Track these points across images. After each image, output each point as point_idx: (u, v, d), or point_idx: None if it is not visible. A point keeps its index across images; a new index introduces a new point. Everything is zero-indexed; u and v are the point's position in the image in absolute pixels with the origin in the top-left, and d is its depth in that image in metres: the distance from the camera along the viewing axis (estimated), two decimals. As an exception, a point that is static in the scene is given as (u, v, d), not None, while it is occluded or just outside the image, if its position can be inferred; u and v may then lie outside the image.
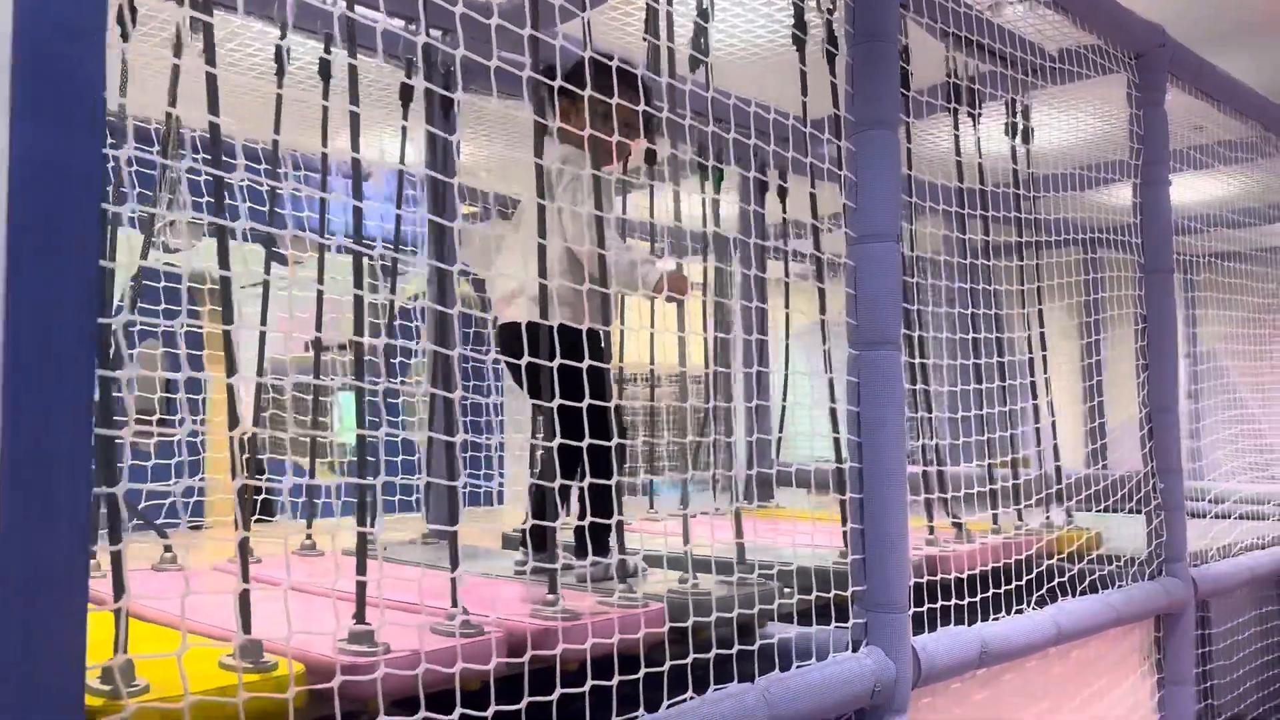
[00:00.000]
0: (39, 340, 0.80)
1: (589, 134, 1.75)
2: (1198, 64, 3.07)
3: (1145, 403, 2.84)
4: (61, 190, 0.82)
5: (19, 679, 0.76)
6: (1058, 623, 2.24)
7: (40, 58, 0.82)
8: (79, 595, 0.83)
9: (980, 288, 2.80)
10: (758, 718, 1.52)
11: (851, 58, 1.88)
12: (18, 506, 0.78)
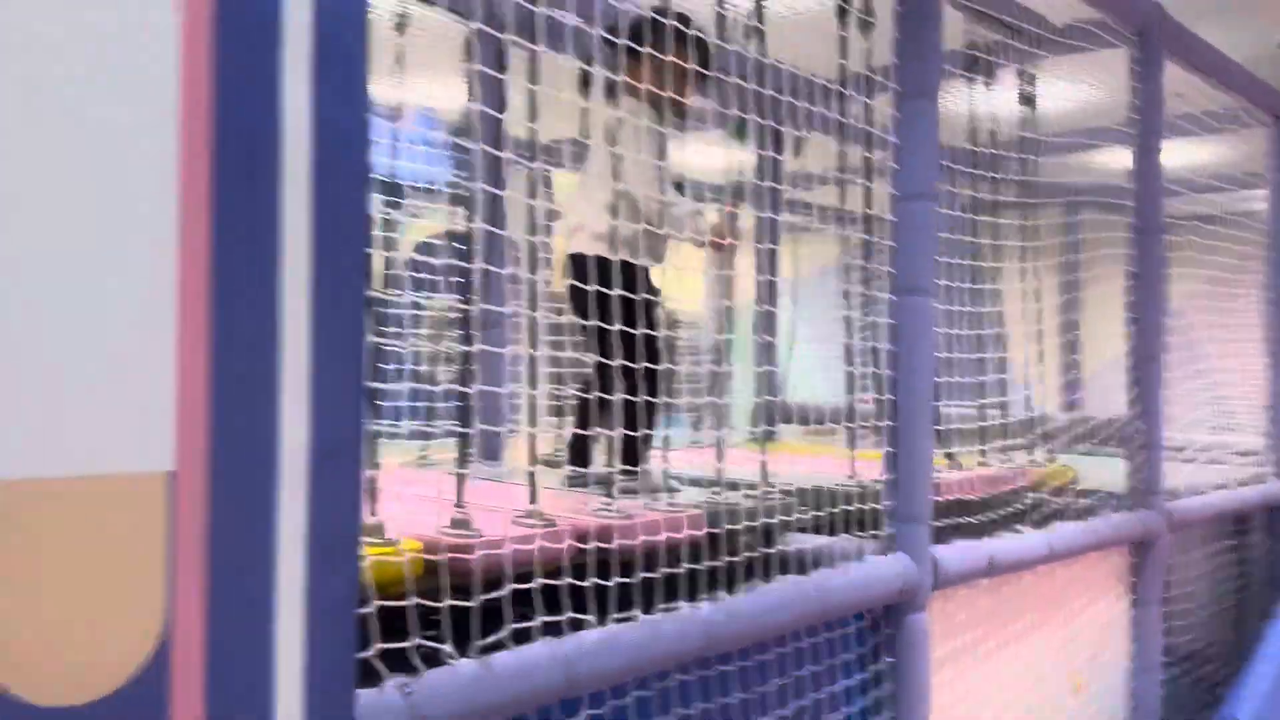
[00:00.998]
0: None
1: (646, 89, 1.95)
2: (1191, 40, 3.32)
3: (1131, 352, 3.12)
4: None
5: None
6: (1050, 543, 2.54)
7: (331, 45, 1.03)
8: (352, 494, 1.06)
9: (982, 241, 3.05)
10: (813, 603, 1.79)
11: (899, 32, 2.10)
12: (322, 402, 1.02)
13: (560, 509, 1.91)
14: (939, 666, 2.26)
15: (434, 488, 1.68)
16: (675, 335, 3.66)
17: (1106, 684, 3.04)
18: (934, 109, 2.10)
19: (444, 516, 1.65)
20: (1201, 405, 5.40)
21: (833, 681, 1.99)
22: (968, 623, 2.37)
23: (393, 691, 1.21)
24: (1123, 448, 3.13)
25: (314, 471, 1.05)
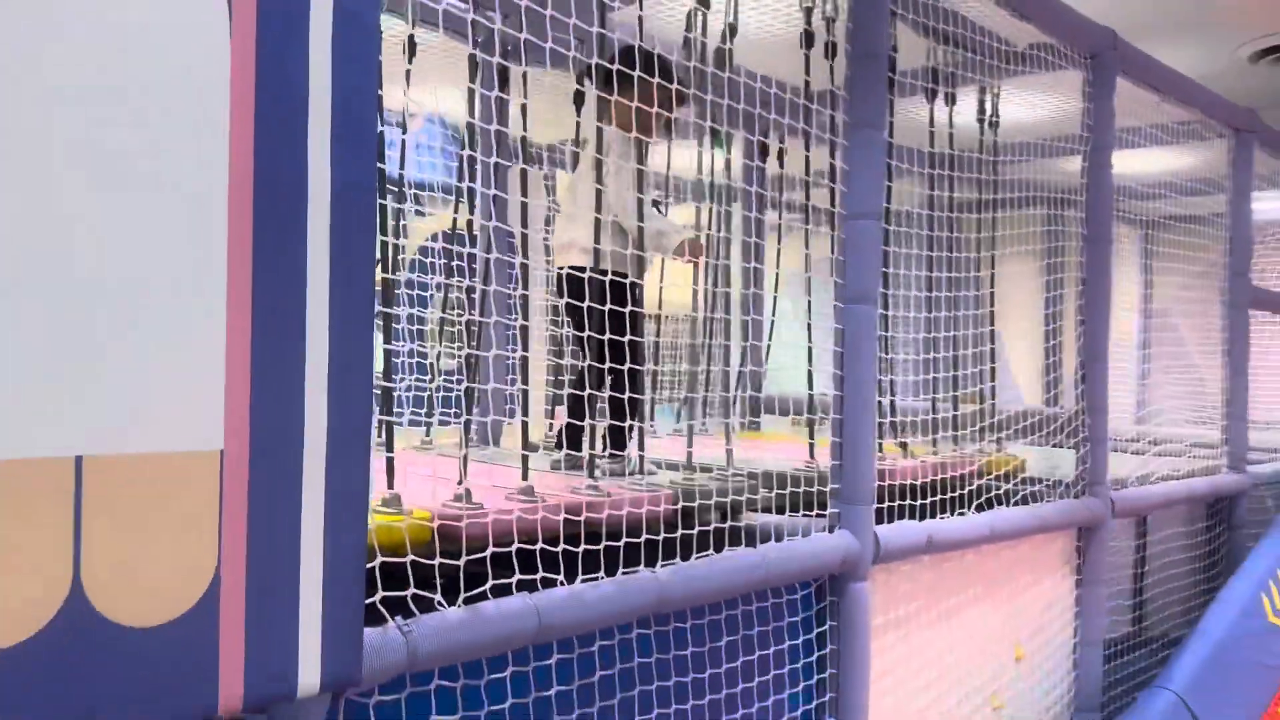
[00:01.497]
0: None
1: (635, 107, 2.22)
2: (1145, 61, 3.56)
3: (1080, 352, 3.38)
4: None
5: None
6: (992, 524, 2.81)
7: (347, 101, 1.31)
8: (361, 479, 1.35)
9: (942, 248, 3.31)
10: (759, 571, 2.07)
11: (849, 70, 2.37)
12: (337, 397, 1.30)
13: (549, 488, 2.20)
14: (883, 631, 2.55)
15: (439, 468, 1.97)
16: (662, 333, 3.93)
17: (1052, 655, 3.31)
18: (880, 137, 2.36)
19: (448, 492, 1.94)
20: (1170, 400, 5.67)
21: (782, 641, 2.27)
22: (910, 594, 2.65)
23: (394, 630, 1.49)
24: (1071, 440, 3.39)
25: (331, 451, 1.33)
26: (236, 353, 1.25)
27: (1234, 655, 3.47)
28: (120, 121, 1.15)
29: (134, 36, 1.16)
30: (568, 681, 1.81)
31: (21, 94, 1.08)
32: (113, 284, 1.15)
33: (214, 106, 1.23)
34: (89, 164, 1.13)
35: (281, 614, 1.30)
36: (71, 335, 1.12)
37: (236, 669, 1.25)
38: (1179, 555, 4.22)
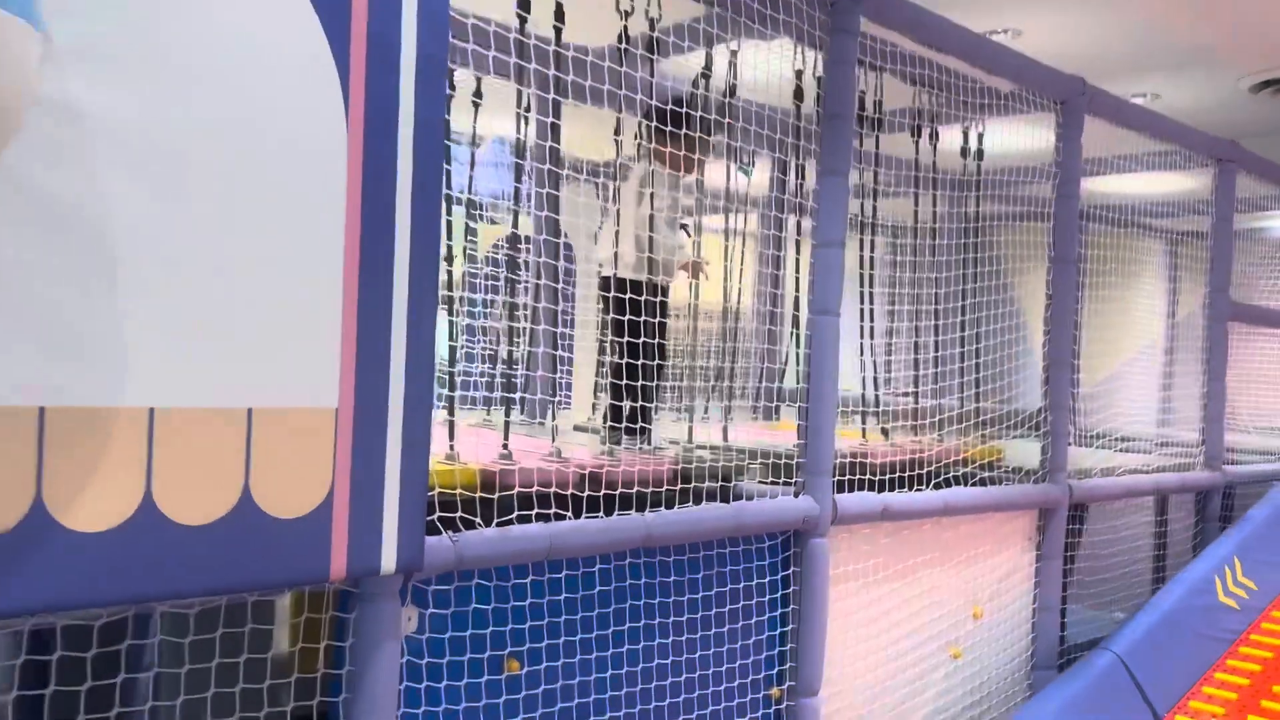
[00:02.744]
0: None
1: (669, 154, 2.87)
2: (1116, 103, 4.06)
3: (1046, 356, 3.91)
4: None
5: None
6: (946, 500, 3.38)
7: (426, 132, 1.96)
8: (424, 430, 2.00)
9: (936, 259, 3.87)
10: (730, 522, 2.68)
11: (821, 126, 2.96)
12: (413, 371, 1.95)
13: (574, 453, 2.84)
14: (843, 580, 3.14)
15: (494, 438, 2.62)
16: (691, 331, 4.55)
17: (1012, 617, 3.86)
18: (845, 183, 2.94)
19: (494, 452, 2.60)
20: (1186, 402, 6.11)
21: (754, 579, 2.88)
22: (869, 553, 3.23)
23: (446, 540, 2.14)
24: (1036, 434, 3.92)
25: (406, 411, 1.98)
26: (347, 341, 1.91)
27: (1179, 626, 3.95)
28: (273, 167, 1.82)
29: (273, 97, 1.83)
30: (573, 591, 2.45)
31: (215, 156, 1.75)
32: (274, 295, 1.81)
33: (336, 148, 1.88)
34: (256, 198, 1.80)
35: (371, 518, 1.95)
36: (245, 326, 1.79)
37: (342, 551, 1.91)
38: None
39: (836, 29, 2.92)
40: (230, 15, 1.76)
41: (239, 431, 1.79)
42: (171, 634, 1.91)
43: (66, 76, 1.60)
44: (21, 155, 1.55)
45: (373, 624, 2.03)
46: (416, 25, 1.98)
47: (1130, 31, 4.91)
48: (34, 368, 1.58)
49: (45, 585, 1.60)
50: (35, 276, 1.57)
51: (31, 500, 1.58)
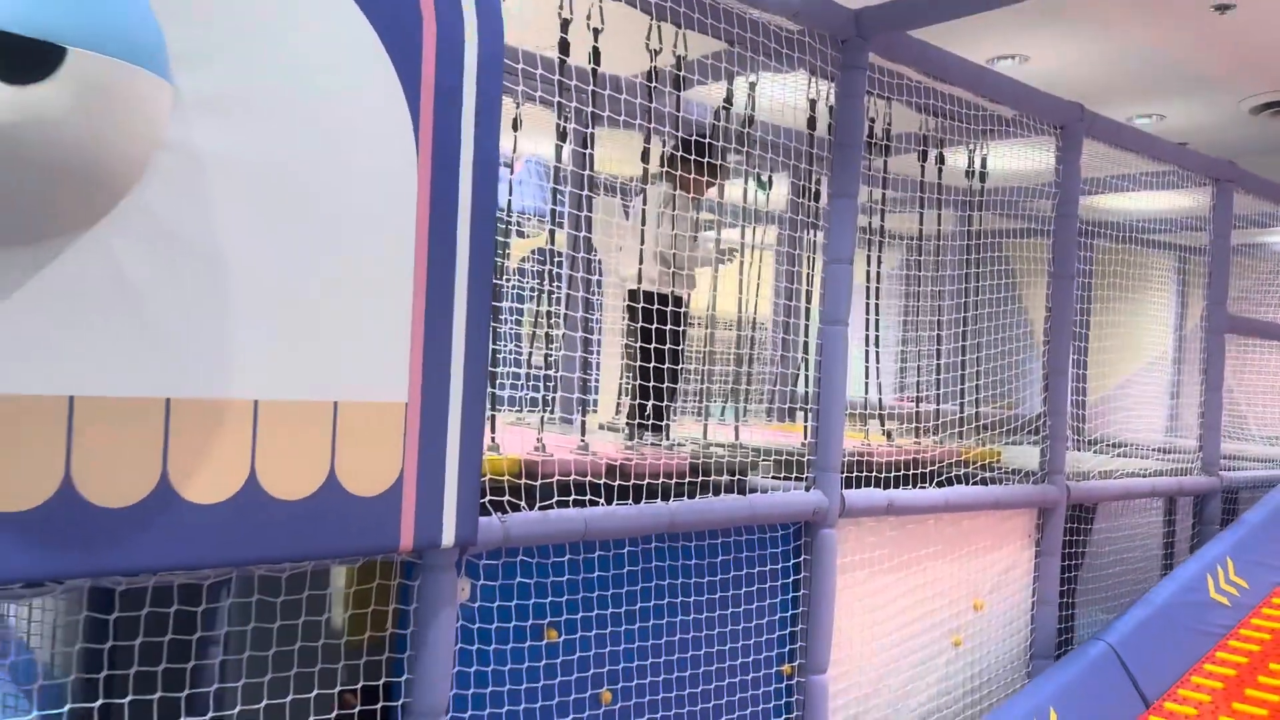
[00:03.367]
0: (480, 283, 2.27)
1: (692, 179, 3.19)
2: (1114, 127, 4.32)
3: (1045, 365, 4.17)
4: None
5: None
6: (947, 497, 3.65)
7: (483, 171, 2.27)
8: (478, 424, 2.30)
9: (942, 272, 4.16)
10: (745, 512, 2.97)
11: (832, 153, 3.25)
12: (469, 378, 2.26)
13: (602, 448, 3.14)
14: (851, 569, 3.42)
15: (530, 435, 2.93)
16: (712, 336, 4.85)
17: (1011, 610, 4.12)
18: (854, 205, 3.23)
19: (531, 445, 2.90)
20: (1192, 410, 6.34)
21: (765, 565, 3.17)
22: (876, 545, 3.51)
23: (495, 520, 2.45)
24: (1036, 437, 4.19)
25: (464, 406, 2.29)
26: (416, 345, 2.22)
27: (1171, 620, 4.20)
28: (357, 196, 2.13)
29: (357, 138, 2.14)
30: (605, 570, 2.75)
31: (309, 188, 2.06)
32: (357, 305, 2.13)
33: (409, 180, 2.19)
34: (343, 223, 2.11)
35: (434, 498, 2.26)
36: (332, 332, 2.10)
37: (410, 526, 2.22)
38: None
39: (847, 65, 3.21)
40: (322, 68, 2.07)
41: (327, 421, 2.11)
42: (266, 594, 2.22)
43: (188, 123, 1.92)
44: (149, 190, 1.87)
45: (434, 591, 2.33)
46: (476, 75, 2.29)
47: (1135, 56, 5.16)
48: (159, 366, 1.90)
49: (170, 549, 1.91)
50: (160, 291, 1.89)
51: (159, 476, 1.90)
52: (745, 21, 3.00)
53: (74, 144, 1.65)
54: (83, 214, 1.77)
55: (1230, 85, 5.51)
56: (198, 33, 1.90)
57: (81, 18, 1.63)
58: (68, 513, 1.80)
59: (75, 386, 1.81)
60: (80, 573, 1.86)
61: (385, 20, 2.15)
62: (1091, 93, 5.61)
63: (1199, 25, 4.63)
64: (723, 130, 3.38)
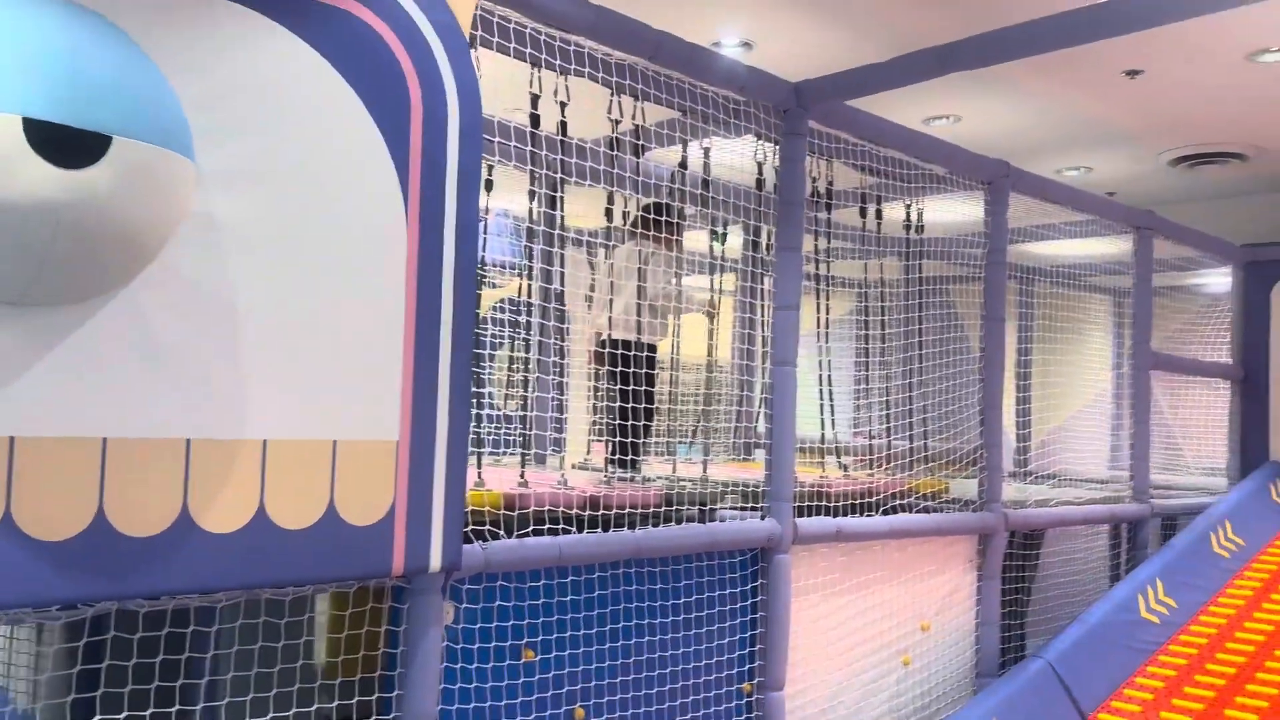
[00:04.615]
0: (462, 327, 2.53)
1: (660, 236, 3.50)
2: (1038, 181, 4.71)
3: (980, 403, 4.50)
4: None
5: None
6: (891, 524, 3.94)
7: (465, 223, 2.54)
8: (462, 460, 2.56)
9: (882, 317, 4.48)
10: (705, 538, 3.23)
11: (777, 210, 3.57)
12: (455, 421, 2.52)
13: (578, 483, 3.39)
14: (805, 592, 3.68)
15: (506, 474, 3.19)
16: (679, 380, 5.15)
17: (956, 630, 4.40)
18: (798, 257, 3.55)
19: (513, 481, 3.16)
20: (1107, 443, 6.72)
21: (725, 589, 3.43)
22: (827, 569, 3.78)
23: (478, 547, 2.69)
24: (973, 468, 4.50)
25: (450, 442, 2.54)
26: (406, 389, 2.48)
27: (1105, 638, 4.50)
28: (353, 254, 2.40)
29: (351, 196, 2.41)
30: (579, 593, 2.99)
31: (311, 247, 2.33)
32: (355, 353, 2.38)
33: (399, 240, 2.46)
34: (340, 279, 2.37)
35: (423, 526, 2.50)
36: (332, 378, 2.36)
37: (401, 552, 2.46)
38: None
39: (789, 131, 3.55)
40: (322, 144, 2.35)
41: (327, 457, 2.35)
42: (271, 616, 2.45)
43: (208, 195, 2.18)
44: (175, 253, 2.13)
45: (422, 612, 2.57)
46: (458, 144, 2.58)
47: (1060, 115, 5.59)
48: (181, 411, 2.14)
49: (190, 574, 2.14)
50: (183, 342, 2.14)
51: (180, 508, 2.13)
52: (697, 94, 3.32)
53: (116, 218, 1.91)
54: (119, 276, 2.02)
55: (1149, 140, 5.96)
56: (216, 117, 2.18)
57: (123, 110, 1.90)
58: (101, 541, 2.03)
59: (107, 429, 2.05)
60: (111, 596, 2.08)
61: (376, 99, 2.43)
62: (1023, 148, 6.05)
63: (1114, 88, 5.05)
64: (680, 190, 3.69)
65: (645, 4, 3.59)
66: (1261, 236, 6.63)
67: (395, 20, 2.47)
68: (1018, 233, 5.31)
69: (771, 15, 4.31)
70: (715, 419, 4.76)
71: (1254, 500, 5.81)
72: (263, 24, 2.25)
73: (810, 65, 4.52)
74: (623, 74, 3.15)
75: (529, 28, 2.88)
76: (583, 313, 5.03)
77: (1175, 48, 4.51)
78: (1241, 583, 5.08)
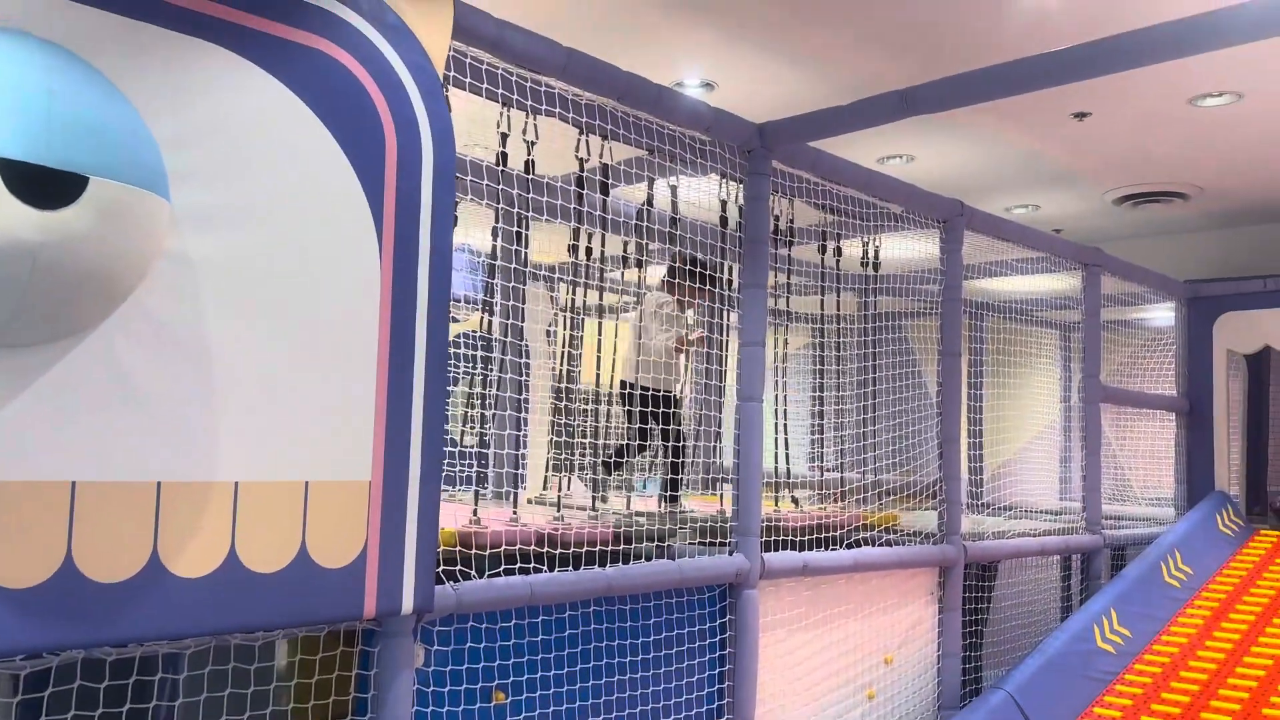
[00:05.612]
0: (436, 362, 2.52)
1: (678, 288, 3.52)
2: (991, 220, 4.82)
3: (937, 436, 4.57)
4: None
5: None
6: (855, 558, 3.97)
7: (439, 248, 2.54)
8: (434, 500, 2.54)
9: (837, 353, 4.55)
10: (675, 575, 3.24)
11: (743, 248, 3.62)
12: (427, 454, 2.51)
13: (531, 519, 3.38)
14: (772, 627, 3.69)
15: (460, 509, 3.17)
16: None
17: (919, 663, 4.44)
18: (763, 293, 3.60)
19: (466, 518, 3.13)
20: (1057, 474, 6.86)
21: (694, 625, 3.43)
22: (794, 604, 3.80)
23: (449, 588, 2.67)
24: (933, 501, 4.56)
25: (422, 484, 2.52)
26: (379, 429, 2.46)
27: (1063, 668, 4.56)
28: (326, 292, 2.38)
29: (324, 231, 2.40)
30: (549, 632, 2.98)
31: (285, 286, 2.31)
32: (327, 393, 2.36)
33: (373, 278, 2.45)
34: (313, 316, 2.36)
35: (395, 569, 2.48)
36: (305, 419, 2.33)
37: (373, 595, 2.43)
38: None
39: (753, 171, 3.60)
40: (295, 182, 2.34)
41: (299, 499, 2.32)
42: (241, 661, 2.40)
43: (181, 233, 2.16)
44: (148, 292, 2.10)
45: (393, 655, 2.53)
46: (432, 184, 2.58)
47: (1009, 155, 5.74)
48: (152, 453, 2.11)
49: (160, 620, 2.10)
50: (154, 383, 2.11)
51: (150, 553, 2.09)
52: (665, 134, 3.37)
53: (92, 259, 1.88)
54: (91, 317, 1.99)
55: (1095, 180, 6.13)
56: (191, 157, 2.16)
57: (100, 150, 1.88)
58: (69, 588, 1.98)
59: (77, 473, 2.01)
60: (78, 644, 2.03)
61: (351, 139, 2.43)
62: (974, 186, 6.20)
63: (1062, 130, 5.21)
64: (645, 230, 3.73)
65: (608, 43, 3.65)
66: (1203, 273, 6.85)
67: (370, 61, 2.48)
68: (970, 269, 5.44)
69: (732, 57, 4.39)
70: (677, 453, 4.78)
71: (1201, 530, 5.95)
72: (238, 64, 2.25)
73: (769, 105, 4.62)
74: (591, 114, 3.18)
75: (500, 68, 2.90)
76: (543, 347, 5.05)
77: (1121, 92, 4.66)
78: (1192, 611, 5.19)
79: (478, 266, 5.90)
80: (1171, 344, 6.75)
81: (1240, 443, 6.91)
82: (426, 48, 2.61)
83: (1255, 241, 7.13)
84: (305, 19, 2.36)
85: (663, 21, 4.05)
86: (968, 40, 4.09)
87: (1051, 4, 3.81)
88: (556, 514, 3.46)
